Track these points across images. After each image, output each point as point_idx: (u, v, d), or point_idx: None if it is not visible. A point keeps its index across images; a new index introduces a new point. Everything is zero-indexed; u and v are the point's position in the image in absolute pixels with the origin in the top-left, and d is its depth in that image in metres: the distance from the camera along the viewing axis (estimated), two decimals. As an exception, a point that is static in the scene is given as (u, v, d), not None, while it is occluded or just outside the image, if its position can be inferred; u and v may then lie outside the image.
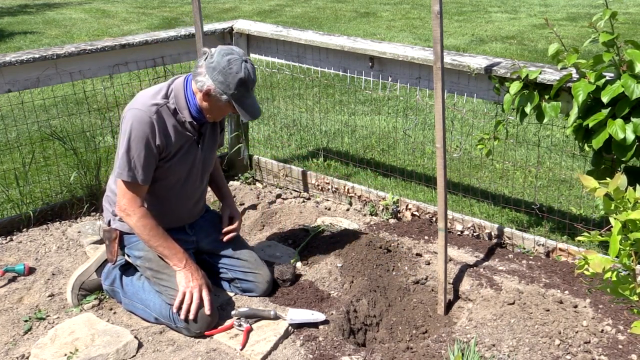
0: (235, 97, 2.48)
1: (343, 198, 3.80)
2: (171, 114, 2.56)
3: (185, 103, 2.57)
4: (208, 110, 2.58)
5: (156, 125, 2.49)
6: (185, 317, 2.52)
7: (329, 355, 2.44)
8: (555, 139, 4.73)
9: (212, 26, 3.89)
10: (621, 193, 1.65)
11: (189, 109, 2.58)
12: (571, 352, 2.42)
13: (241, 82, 2.46)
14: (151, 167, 2.54)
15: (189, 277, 2.58)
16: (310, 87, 5.88)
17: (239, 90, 2.47)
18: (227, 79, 2.45)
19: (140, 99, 2.54)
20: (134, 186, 2.52)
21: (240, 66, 2.46)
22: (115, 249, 2.71)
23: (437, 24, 2.42)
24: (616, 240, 1.62)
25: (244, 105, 2.52)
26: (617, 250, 1.63)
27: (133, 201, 2.53)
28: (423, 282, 2.93)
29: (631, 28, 9.19)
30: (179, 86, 2.58)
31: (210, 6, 11.34)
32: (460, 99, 3.15)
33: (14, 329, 2.66)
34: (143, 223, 2.54)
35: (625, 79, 2.46)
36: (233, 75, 2.45)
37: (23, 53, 3.25)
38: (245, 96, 2.51)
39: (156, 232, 2.56)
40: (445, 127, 2.57)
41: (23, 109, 4.37)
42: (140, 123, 2.47)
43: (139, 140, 2.47)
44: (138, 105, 2.51)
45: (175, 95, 2.57)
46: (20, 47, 8.19)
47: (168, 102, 2.56)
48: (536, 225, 3.53)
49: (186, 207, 2.80)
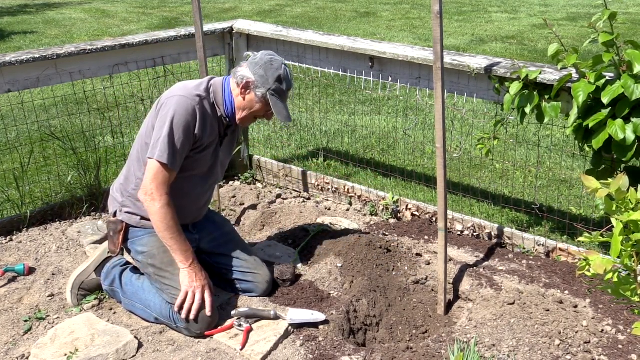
0: (272, 92, 2.60)
1: (343, 198, 3.80)
2: (209, 108, 2.63)
3: (222, 100, 2.66)
4: (241, 108, 2.65)
5: (198, 115, 2.56)
6: (186, 316, 2.53)
7: (329, 355, 2.44)
8: (555, 139, 4.73)
9: (212, 26, 3.89)
10: (623, 194, 1.65)
11: (224, 106, 2.67)
12: (571, 352, 2.42)
13: (279, 78, 2.59)
14: (184, 155, 2.58)
15: (193, 277, 2.58)
16: (310, 87, 5.88)
17: (277, 86, 2.60)
18: (267, 73, 2.58)
19: (184, 88, 2.61)
20: (168, 170, 2.53)
21: (281, 66, 2.62)
22: (119, 241, 2.70)
23: (437, 24, 2.42)
24: (618, 241, 1.62)
25: (278, 105, 2.62)
26: (619, 251, 1.62)
27: (162, 186, 2.52)
28: (423, 282, 2.93)
29: (631, 28, 9.19)
30: (218, 83, 2.68)
31: (210, 6, 11.34)
32: (460, 99, 3.15)
33: (14, 329, 2.66)
34: (165, 211, 2.53)
35: (625, 80, 2.46)
36: (274, 70, 2.59)
37: (23, 53, 3.25)
38: (281, 96, 2.63)
39: (174, 223, 2.55)
40: (445, 127, 2.57)
41: (23, 109, 4.37)
42: (185, 109, 2.53)
43: (181, 126, 2.52)
44: (183, 93, 2.57)
45: (214, 91, 2.66)
46: (20, 47, 8.19)
47: (209, 95, 2.65)
48: (536, 225, 3.53)
49: (198, 205, 2.82)
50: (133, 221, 2.69)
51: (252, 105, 2.64)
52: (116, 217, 2.72)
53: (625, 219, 1.62)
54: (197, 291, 2.56)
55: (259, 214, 3.65)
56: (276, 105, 2.61)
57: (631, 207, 1.64)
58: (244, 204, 3.81)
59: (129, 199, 2.69)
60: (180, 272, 2.59)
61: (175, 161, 2.53)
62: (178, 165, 2.55)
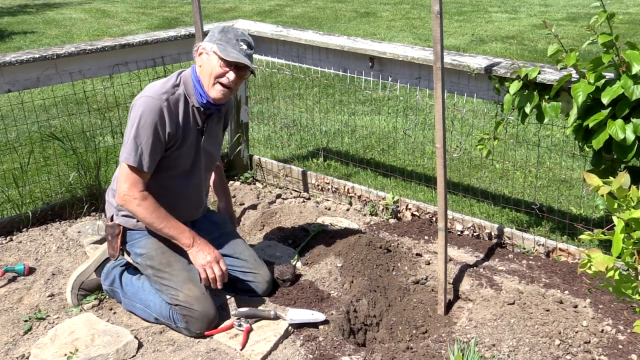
0: (218, 42, 2.56)
1: (343, 198, 3.80)
2: (181, 101, 2.61)
3: (193, 87, 2.63)
4: (204, 76, 2.59)
5: (166, 113, 2.54)
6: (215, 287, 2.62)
7: (329, 355, 2.44)
8: (555, 139, 4.73)
9: (212, 26, 3.87)
10: (624, 191, 1.65)
11: (196, 95, 2.64)
12: (571, 352, 2.42)
13: (223, 29, 2.59)
14: (157, 155, 2.55)
15: (203, 254, 2.59)
16: (310, 87, 5.88)
17: (222, 35, 2.57)
18: (213, 32, 2.60)
19: (151, 88, 2.59)
20: (138, 172, 2.52)
21: (230, 27, 2.62)
22: (117, 245, 2.71)
23: (437, 24, 2.42)
24: (619, 239, 1.62)
25: (227, 50, 2.54)
26: (620, 249, 1.62)
27: (134, 187, 2.52)
28: (423, 282, 2.93)
29: (631, 28, 9.19)
30: (188, 73, 2.66)
31: (210, 6, 11.34)
32: (460, 99, 3.15)
33: (14, 329, 2.66)
34: (144, 205, 2.53)
35: (624, 80, 2.46)
36: (219, 28, 2.61)
37: (23, 53, 3.25)
38: (229, 43, 2.56)
39: (158, 213, 2.55)
40: (445, 127, 2.57)
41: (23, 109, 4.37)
42: (151, 110, 2.51)
43: (148, 127, 2.50)
44: (149, 93, 2.55)
45: (184, 82, 2.64)
46: (20, 47, 8.19)
47: (178, 89, 2.62)
48: (536, 225, 3.53)
49: (190, 202, 2.80)
50: (130, 224, 2.70)
51: (209, 67, 2.57)
52: (113, 221, 2.73)
53: (626, 217, 1.62)
54: (214, 265, 2.59)
55: (259, 214, 3.65)
56: (224, 50, 2.54)
57: (632, 205, 1.64)
58: (244, 204, 3.81)
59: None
60: (190, 255, 2.60)
61: (143, 162, 2.50)
62: (148, 166, 2.52)
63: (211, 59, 2.56)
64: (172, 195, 2.68)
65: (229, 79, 2.56)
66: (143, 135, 2.49)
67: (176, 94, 2.60)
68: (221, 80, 2.57)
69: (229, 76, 2.56)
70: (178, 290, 2.58)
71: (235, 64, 2.54)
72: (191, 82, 2.63)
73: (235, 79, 2.57)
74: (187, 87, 2.63)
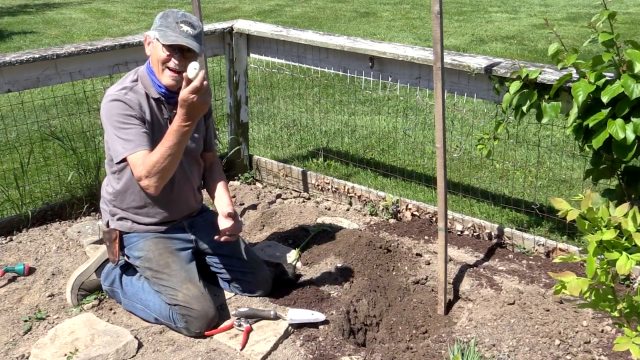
0: (159, 29, 2.53)
1: (343, 198, 3.80)
2: (143, 95, 2.61)
3: (150, 80, 2.63)
4: (154, 64, 2.59)
5: (130, 103, 2.54)
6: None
7: (329, 355, 2.44)
8: (555, 139, 4.73)
9: (212, 26, 3.89)
10: (593, 213, 1.63)
11: (154, 85, 2.62)
12: (571, 352, 2.42)
13: (163, 15, 2.56)
14: (144, 132, 2.53)
15: (188, 110, 2.36)
16: (310, 87, 5.88)
17: (162, 21, 2.54)
18: (155, 21, 2.58)
19: (109, 91, 2.60)
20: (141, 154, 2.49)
21: (170, 11, 2.58)
22: (116, 249, 2.71)
23: (437, 24, 2.42)
24: (592, 260, 1.61)
25: (167, 34, 2.50)
26: (594, 270, 1.61)
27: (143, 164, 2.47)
28: (423, 282, 2.93)
29: (631, 28, 9.19)
30: (143, 68, 2.66)
31: (210, 6, 11.34)
32: (460, 99, 3.15)
33: (14, 329, 2.66)
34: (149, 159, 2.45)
35: (625, 79, 2.46)
36: (160, 14, 2.58)
37: (23, 53, 3.25)
38: (169, 27, 2.51)
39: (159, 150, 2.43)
40: (445, 127, 2.57)
41: (23, 109, 4.37)
42: (114, 105, 2.52)
43: (120, 117, 2.50)
44: (108, 93, 2.57)
45: (141, 77, 2.64)
46: (20, 47, 8.19)
47: (137, 84, 2.62)
48: (536, 225, 3.52)
49: (180, 197, 2.75)
50: (125, 227, 2.70)
51: (155, 55, 2.57)
52: (109, 227, 2.73)
53: (597, 239, 1.61)
54: (187, 94, 2.32)
55: (259, 214, 3.65)
56: (164, 35, 2.51)
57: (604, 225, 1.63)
58: (244, 204, 3.81)
59: (115, 208, 2.71)
60: (188, 110, 2.38)
61: (138, 143, 2.48)
62: (145, 143, 2.50)
63: (155, 45, 2.57)
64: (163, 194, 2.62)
65: (175, 63, 2.55)
66: (120, 124, 2.50)
67: (134, 88, 2.60)
68: (168, 65, 2.56)
69: (174, 60, 2.55)
70: (177, 291, 2.58)
71: (177, 47, 2.53)
72: (147, 75, 2.63)
73: (181, 62, 2.54)
74: (144, 80, 2.63)
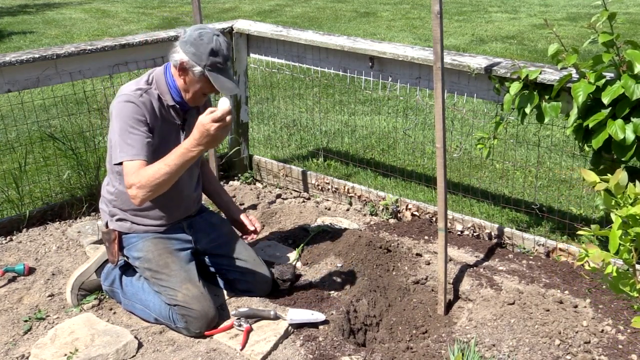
0: (208, 68, 2.48)
1: (343, 198, 3.80)
2: (156, 99, 2.59)
3: (167, 87, 2.60)
4: (185, 89, 2.58)
5: (143, 107, 2.52)
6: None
7: (329, 355, 2.44)
8: (555, 139, 4.73)
9: (212, 26, 3.88)
10: (622, 188, 1.64)
11: (171, 93, 2.60)
12: (571, 352, 2.42)
13: (212, 52, 2.47)
14: (148, 142, 2.50)
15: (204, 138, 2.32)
16: (310, 87, 5.88)
17: (211, 60, 2.47)
18: (198, 50, 2.46)
19: (124, 90, 2.57)
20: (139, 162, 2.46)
21: (212, 38, 2.48)
22: (115, 250, 2.71)
23: (437, 24, 2.42)
24: (616, 235, 1.61)
25: (219, 80, 2.49)
26: (617, 245, 1.62)
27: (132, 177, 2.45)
28: (423, 282, 2.93)
29: (631, 28, 9.19)
30: (160, 72, 2.63)
31: (210, 6, 11.34)
32: (460, 99, 3.15)
33: (14, 329, 2.66)
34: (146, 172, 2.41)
35: (625, 80, 2.46)
36: (204, 45, 2.46)
37: (23, 53, 3.25)
38: (220, 70, 2.50)
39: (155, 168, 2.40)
40: (445, 127, 2.57)
41: (23, 109, 4.37)
42: (127, 107, 2.50)
43: (130, 121, 2.48)
44: (123, 93, 2.54)
45: (156, 81, 2.61)
46: (20, 47, 8.19)
47: (151, 87, 2.59)
48: (536, 225, 3.52)
49: (181, 198, 2.76)
50: (125, 228, 2.70)
51: (194, 85, 2.55)
52: (108, 227, 2.73)
53: (624, 214, 1.62)
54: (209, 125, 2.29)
55: (259, 214, 3.65)
56: (217, 80, 2.49)
57: (630, 202, 1.64)
58: (244, 204, 3.81)
59: (114, 208, 2.71)
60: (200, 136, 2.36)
61: (138, 151, 2.46)
62: (145, 154, 2.47)
63: (199, 80, 2.51)
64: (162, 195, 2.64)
65: (217, 94, 2.64)
66: (129, 129, 2.47)
67: (149, 91, 2.58)
68: (205, 92, 2.59)
69: (215, 92, 2.59)
70: (176, 291, 2.58)
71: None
72: (164, 81, 2.60)
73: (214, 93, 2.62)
74: (160, 85, 2.60)
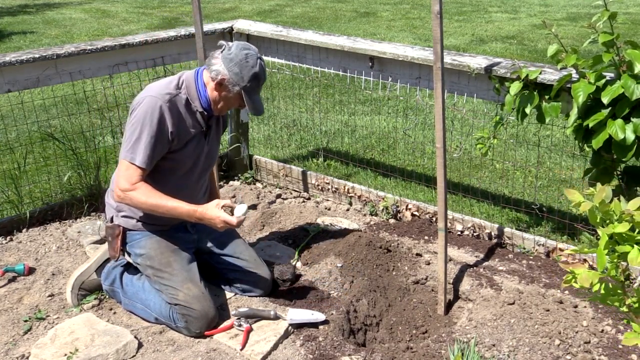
0: (246, 89, 2.57)
1: (343, 198, 3.80)
2: (183, 104, 2.60)
3: (197, 94, 2.63)
4: (217, 101, 2.64)
5: (169, 113, 2.53)
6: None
7: (329, 355, 2.44)
8: (555, 139, 4.73)
9: (212, 26, 3.89)
10: (606, 206, 1.63)
11: (200, 100, 2.63)
12: (571, 352, 2.42)
13: (255, 76, 2.57)
14: (157, 153, 2.54)
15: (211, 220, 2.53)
16: (310, 87, 5.88)
17: (252, 84, 2.57)
18: (242, 71, 2.54)
19: (153, 88, 2.58)
20: (136, 169, 2.50)
21: (256, 62, 2.57)
22: (118, 246, 2.71)
23: (437, 24, 2.42)
24: (603, 254, 1.61)
25: (253, 100, 2.61)
26: (605, 264, 1.61)
27: (129, 182, 2.50)
28: (423, 282, 2.93)
29: (631, 28, 9.19)
30: (190, 77, 2.64)
31: (210, 6, 11.33)
32: (460, 99, 3.15)
33: (14, 329, 2.66)
34: (142, 191, 2.49)
35: (625, 80, 2.46)
36: (249, 68, 2.55)
37: (23, 53, 3.25)
38: (255, 91, 2.61)
39: (158, 196, 2.51)
40: (445, 127, 2.57)
41: (23, 109, 4.36)
42: (154, 110, 2.50)
43: (151, 125, 2.49)
44: (152, 93, 2.54)
45: (187, 86, 2.63)
46: (20, 47, 8.19)
47: (180, 92, 2.61)
48: (536, 225, 3.52)
49: (191, 199, 2.78)
50: (130, 224, 2.70)
51: (227, 99, 2.63)
52: (113, 222, 2.73)
53: (609, 232, 1.61)
54: (227, 226, 2.53)
55: (259, 214, 3.65)
56: (249, 100, 2.60)
57: (616, 219, 1.63)
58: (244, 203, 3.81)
59: (121, 204, 2.70)
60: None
61: (143, 159, 2.49)
62: (147, 163, 2.51)
63: (233, 96, 2.61)
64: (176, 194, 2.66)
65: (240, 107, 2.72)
66: (146, 134, 2.49)
67: (179, 96, 2.59)
68: (233, 106, 2.70)
69: (241, 106, 2.69)
70: (177, 290, 2.58)
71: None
72: (194, 87, 2.62)
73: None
74: (190, 90, 2.62)
